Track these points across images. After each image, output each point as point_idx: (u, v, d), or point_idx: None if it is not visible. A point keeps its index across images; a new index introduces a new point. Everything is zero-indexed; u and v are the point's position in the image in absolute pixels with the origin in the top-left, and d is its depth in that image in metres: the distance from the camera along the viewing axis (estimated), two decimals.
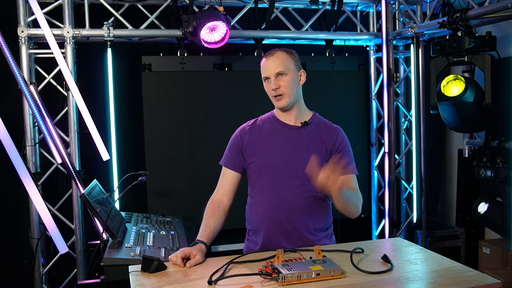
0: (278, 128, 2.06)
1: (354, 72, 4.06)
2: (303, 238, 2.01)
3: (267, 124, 2.09)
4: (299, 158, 1.98)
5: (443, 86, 3.07)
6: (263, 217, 2.02)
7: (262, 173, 2.03)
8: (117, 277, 2.08)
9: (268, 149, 2.03)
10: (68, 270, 3.51)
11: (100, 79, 3.55)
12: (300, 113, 2.06)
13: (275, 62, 1.96)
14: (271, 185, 2.00)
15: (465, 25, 3.08)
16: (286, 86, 1.96)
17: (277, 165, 2.00)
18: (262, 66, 2.02)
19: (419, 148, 3.90)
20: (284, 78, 1.96)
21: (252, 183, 2.08)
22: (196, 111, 3.66)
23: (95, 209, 2.35)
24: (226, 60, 3.75)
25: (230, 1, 3.74)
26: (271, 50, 2.02)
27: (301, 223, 2.00)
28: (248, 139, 2.07)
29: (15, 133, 3.07)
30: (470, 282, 1.54)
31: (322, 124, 2.08)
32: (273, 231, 2.00)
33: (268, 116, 2.14)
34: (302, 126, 2.04)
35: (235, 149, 2.08)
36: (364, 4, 4.12)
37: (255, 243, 2.07)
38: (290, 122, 2.05)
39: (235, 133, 2.12)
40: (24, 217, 3.37)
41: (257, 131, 2.08)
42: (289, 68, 1.97)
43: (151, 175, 3.14)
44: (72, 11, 3.35)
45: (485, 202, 3.40)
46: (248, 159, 2.06)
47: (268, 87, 1.99)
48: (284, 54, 1.99)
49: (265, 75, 1.99)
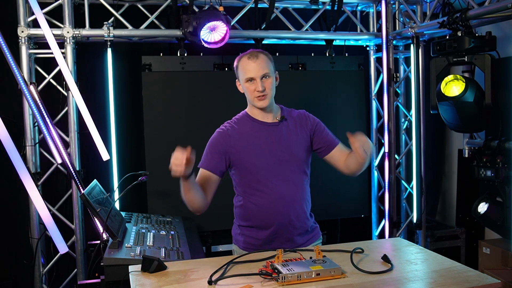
0: (259, 128, 2.14)
1: (354, 72, 4.06)
2: (304, 225, 2.16)
3: (246, 125, 2.16)
4: (286, 152, 2.11)
5: (443, 86, 3.07)
6: (274, 213, 2.09)
7: (253, 173, 2.09)
8: (117, 277, 2.08)
9: (255, 149, 2.10)
10: (68, 270, 3.51)
11: (100, 79, 3.55)
12: (274, 110, 2.17)
13: (261, 64, 2.06)
14: (269, 183, 2.08)
15: (465, 25, 3.08)
16: (270, 88, 2.08)
17: (267, 163, 2.09)
18: (245, 67, 2.08)
19: (419, 148, 3.90)
20: (268, 80, 2.07)
21: (245, 183, 2.12)
22: (196, 111, 3.66)
23: (95, 209, 2.35)
24: (226, 60, 3.75)
25: (230, 1, 3.74)
26: (252, 52, 2.10)
27: (302, 212, 2.15)
28: (232, 142, 2.11)
29: (15, 133, 3.07)
30: (470, 282, 1.55)
31: (292, 114, 2.22)
32: (282, 226, 2.10)
33: (242, 117, 2.20)
34: (280, 121, 2.15)
35: (217, 152, 2.11)
36: (364, 4, 4.11)
37: (257, 237, 2.13)
38: (268, 119, 2.15)
39: (216, 137, 2.15)
40: (24, 217, 3.37)
41: (238, 133, 2.13)
42: (271, 71, 2.09)
43: (151, 175, 3.13)
44: (72, 11, 3.35)
45: (485, 202, 3.39)
46: (235, 162, 2.11)
47: (252, 87, 2.07)
48: (266, 57, 2.10)
49: (250, 76, 2.06)
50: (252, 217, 2.14)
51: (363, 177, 4.09)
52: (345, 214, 4.10)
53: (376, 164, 4.25)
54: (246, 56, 2.09)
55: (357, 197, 4.05)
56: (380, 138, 4.24)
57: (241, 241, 2.18)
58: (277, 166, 2.10)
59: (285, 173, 2.10)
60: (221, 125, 2.19)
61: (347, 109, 4.01)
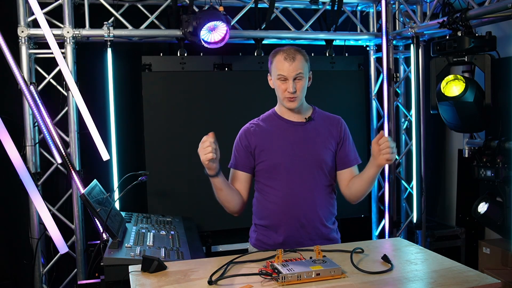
0: (284, 126, 2.10)
1: (354, 72, 4.06)
2: (317, 231, 2.09)
3: (272, 122, 2.12)
4: (308, 152, 2.06)
5: (443, 86, 3.07)
6: (283, 214, 2.05)
7: (274, 171, 2.06)
8: (117, 277, 2.08)
9: (277, 147, 2.07)
10: (68, 270, 3.51)
11: (100, 79, 3.55)
12: (303, 110, 2.12)
13: (296, 65, 1.98)
14: (285, 182, 2.05)
15: (465, 25, 3.08)
16: (301, 90, 2.02)
17: (288, 162, 2.05)
18: (278, 64, 2.01)
19: (419, 148, 3.90)
20: (300, 82, 2.01)
21: (263, 181, 2.10)
22: (196, 111, 3.66)
23: (95, 209, 2.35)
24: (226, 60, 3.75)
25: (230, 1, 3.74)
26: (290, 50, 2.01)
27: (316, 216, 2.08)
28: (255, 139, 2.09)
29: (15, 133, 3.07)
30: (470, 282, 1.54)
31: (324, 117, 2.17)
32: (292, 227, 2.06)
33: (270, 114, 2.17)
34: (307, 121, 2.10)
35: (243, 150, 2.10)
36: (364, 4, 4.11)
37: (268, 236, 2.10)
38: (295, 118, 2.11)
39: (240, 135, 2.13)
40: (24, 217, 3.36)
41: (262, 131, 2.11)
42: (306, 72, 2.03)
43: (151, 175, 3.14)
44: (72, 11, 3.35)
45: (485, 202, 3.39)
46: (258, 159, 2.08)
47: (283, 86, 2.01)
48: (302, 57, 2.02)
49: (283, 74, 1.99)
50: (264, 216, 2.11)
51: None
52: (345, 214, 4.08)
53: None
54: (284, 54, 1.99)
55: None
56: None
57: (254, 237, 2.16)
58: (297, 165, 2.05)
59: (304, 173, 2.05)
60: (247, 123, 2.17)
61: (347, 109, 4.00)
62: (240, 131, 2.15)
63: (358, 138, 4.04)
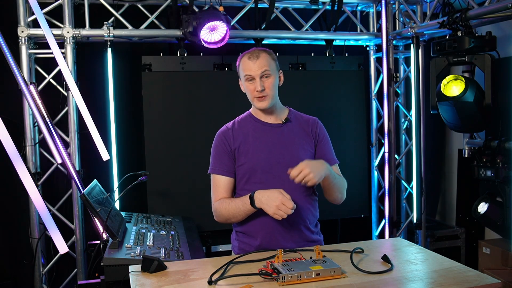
0: (260, 128, 2.08)
1: (354, 72, 4.06)
2: (301, 234, 2.05)
3: (248, 125, 2.09)
4: (286, 154, 2.03)
5: (443, 86, 3.07)
6: (263, 218, 1.97)
7: (252, 174, 2.02)
8: (117, 277, 2.08)
9: (255, 150, 2.03)
10: (68, 270, 3.51)
11: (100, 79, 3.55)
12: (278, 111, 2.10)
13: (260, 63, 1.98)
14: (264, 185, 1.96)
15: (465, 25, 3.08)
16: (270, 88, 2.00)
17: (266, 164, 2.02)
18: (243, 65, 2.01)
19: (419, 148, 3.90)
20: (268, 80, 2.00)
21: (241, 185, 2.05)
22: (196, 111, 3.66)
23: (95, 209, 2.35)
24: (226, 60, 3.75)
25: (230, 1, 3.74)
26: (253, 50, 2.03)
27: (299, 219, 2.03)
28: (234, 142, 2.05)
29: (15, 133, 3.07)
30: (470, 282, 1.54)
31: (300, 118, 2.14)
32: (272, 233, 2.00)
33: (245, 117, 2.14)
34: (284, 123, 2.08)
35: (224, 153, 2.05)
36: (364, 4, 4.11)
37: (249, 244, 2.04)
38: (271, 120, 2.09)
39: (219, 138, 2.08)
40: (24, 217, 3.37)
41: (239, 133, 2.07)
42: (273, 70, 2.01)
43: (151, 175, 3.14)
44: (72, 11, 3.35)
45: (485, 202, 3.39)
46: (238, 162, 2.05)
47: (251, 87, 2.00)
48: (267, 55, 2.02)
49: (249, 74, 1.98)
50: (244, 221, 2.03)
51: (363, 177, 4.09)
52: (345, 214, 4.10)
53: (376, 164, 4.25)
54: (248, 55, 2.01)
55: (357, 197, 4.05)
56: (380, 138, 4.24)
57: (236, 246, 2.12)
58: (275, 167, 2.01)
59: (283, 175, 1.94)
60: (223, 126, 2.13)
61: (347, 109, 4.01)
62: (218, 134, 2.10)
63: (358, 138, 4.06)
